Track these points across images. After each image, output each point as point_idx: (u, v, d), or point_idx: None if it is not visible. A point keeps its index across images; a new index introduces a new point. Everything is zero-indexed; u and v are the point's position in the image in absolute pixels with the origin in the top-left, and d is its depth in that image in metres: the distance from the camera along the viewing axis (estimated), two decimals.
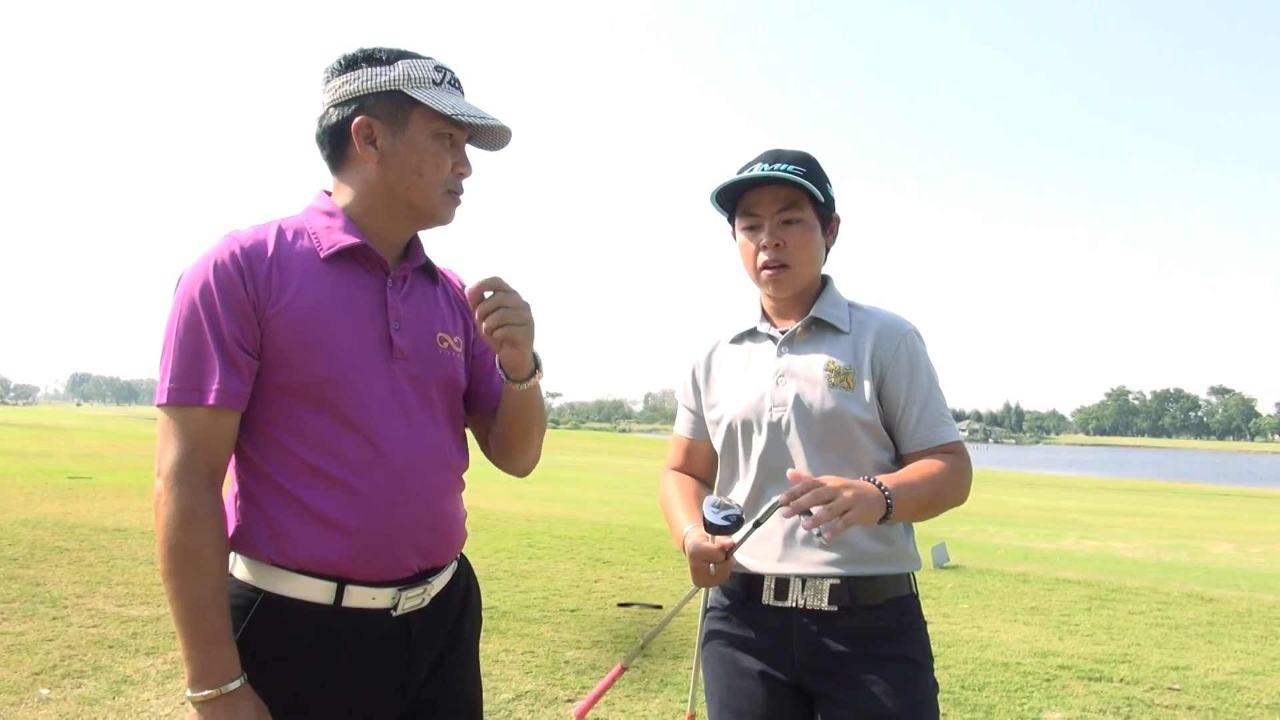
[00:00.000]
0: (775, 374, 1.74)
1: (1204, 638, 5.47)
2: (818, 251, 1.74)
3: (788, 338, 1.76)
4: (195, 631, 1.28)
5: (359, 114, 1.40)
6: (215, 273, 1.34)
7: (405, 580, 1.40)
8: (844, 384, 1.69)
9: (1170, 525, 14.90)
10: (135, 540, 7.14)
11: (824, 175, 1.73)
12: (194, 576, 1.29)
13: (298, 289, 1.37)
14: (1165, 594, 6.81)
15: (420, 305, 1.50)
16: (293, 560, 1.35)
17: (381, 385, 1.40)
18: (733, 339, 1.85)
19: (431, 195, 1.44)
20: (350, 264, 1.43)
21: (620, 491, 16.21)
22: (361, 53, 1.42)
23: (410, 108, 1.40)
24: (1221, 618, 6.05)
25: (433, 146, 1.42)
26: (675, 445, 1.96)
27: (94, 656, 4.12)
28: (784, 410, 1.70)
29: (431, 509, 1.43)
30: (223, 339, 1.32)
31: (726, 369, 1.83)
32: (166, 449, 1.32)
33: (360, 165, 1.43)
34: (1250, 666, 4.84)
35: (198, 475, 1.31)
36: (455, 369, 1.52)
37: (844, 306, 1.77)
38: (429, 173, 1.42)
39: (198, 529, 1.29)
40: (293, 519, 1.35)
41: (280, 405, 1.36)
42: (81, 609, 4.94)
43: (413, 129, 1.41)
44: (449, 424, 1.51)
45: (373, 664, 1.38)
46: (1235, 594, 7.06)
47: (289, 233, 1.42)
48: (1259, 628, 5.80)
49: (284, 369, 1.35)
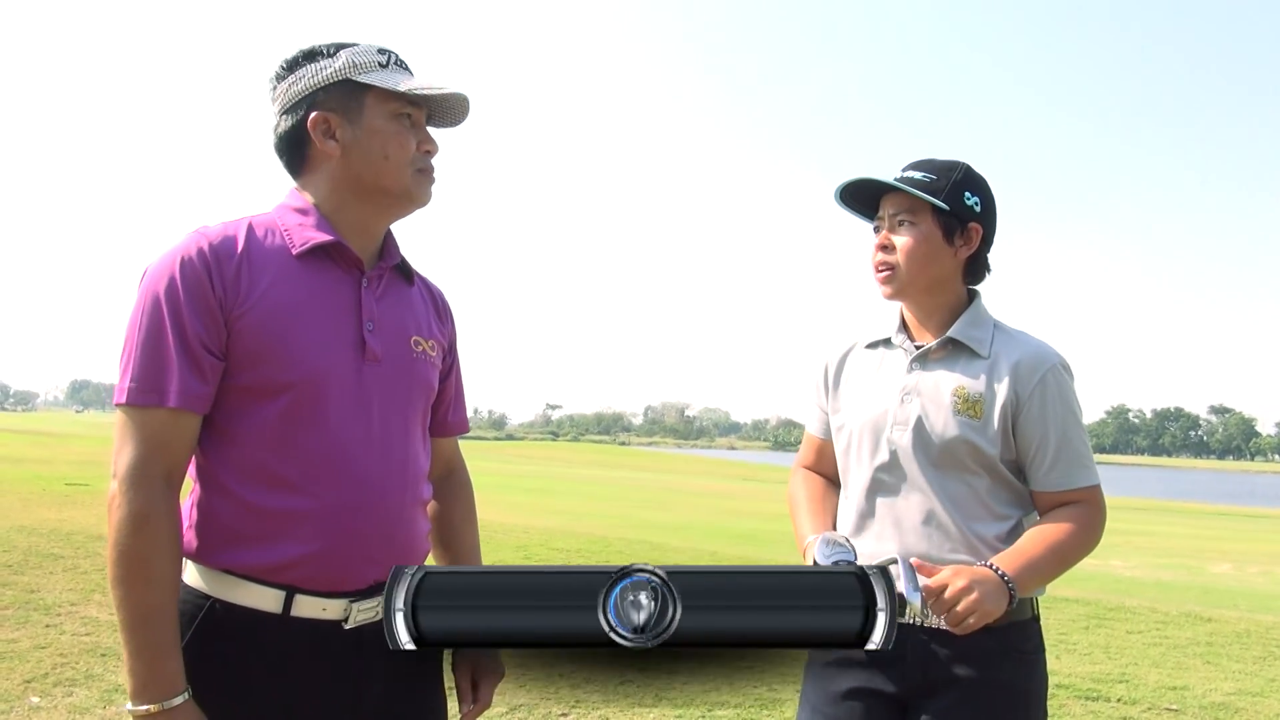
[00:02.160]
0: (902, 390, 1.70)
1: (1202, 658, 5.45)
2: (930, 258, 1.68)
3: (921, 354, 1.72)
4: (141, 641, 1.25)
5: (312, 110, 1.38)
6: (181, 269, 1.30)
7: (359, 592, 1.34)
8: (971, 412, 1.64)
9: (1169, 544, 14.86)
10: None
11: (963, 185, 1.69)
12: (143, 584, 1.25)
13: (267, 288, 1.33)
14: (1163, 613, 6.79)
15: (396, 306, 1.47)
16: (242, 567, 1.31)
17: (350, 389, 1.36)
18: (868, 344, 1.82)
19: (402, 176, 1.41)
20: (324, 262, 1.39)
21: (619, 504, 16.16)
22: (301, 52, 1.41)
23: (363, 94, 1.38)
24: (1220, 638, 6.02)
25: (393, 127, 1.39)
26: (806, 443, 1.95)
27: (86, 665, 4.10)
28: (904, 430, 1.67)
29: (391, 519, 1.38)
30: (186, 338, 1.28)
31: (856, 375, 1.80)
32: (123, 450, 1.27)
33: (324, 162, 1.40)
34: (1248, 687, 4.83)
35: (154, 479, 1.27)
36: (429, 374, 1.49)
37: (987, 328, 1.72)
38: (395, 154, 1.39)
39: (150, 535, 1.25)
40: (245, 524, 1.31)
41: (242, 407, 1.32)
42: (75, 617, 4.92)
43: (369, 114, 1.38)
44: (418, 430, 1.47)
45: (320, 677, 1.32)
46: (1234, 614, 7.03)
47: (260, 229, 1.38)
48: (1257, 648, 5.78)
49: (249, 370, 1.32)
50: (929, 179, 1.68)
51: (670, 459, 57.65)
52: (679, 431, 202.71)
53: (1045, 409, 1.63)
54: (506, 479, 20.75)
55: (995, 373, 1.66)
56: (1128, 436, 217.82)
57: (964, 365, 1.68)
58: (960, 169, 1.71)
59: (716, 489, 23.95)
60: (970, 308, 1.73)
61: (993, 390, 1.65)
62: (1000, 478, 1.66)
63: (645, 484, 24.52)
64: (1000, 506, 1.66)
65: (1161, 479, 76.00)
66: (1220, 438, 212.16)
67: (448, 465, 1.64)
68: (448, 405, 1.60)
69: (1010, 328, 1.74)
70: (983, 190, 1.72)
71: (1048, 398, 1.64)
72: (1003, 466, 1.65)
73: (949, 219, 1.68)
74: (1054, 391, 1.64)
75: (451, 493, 1.64)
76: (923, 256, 1.68)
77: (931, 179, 1.68)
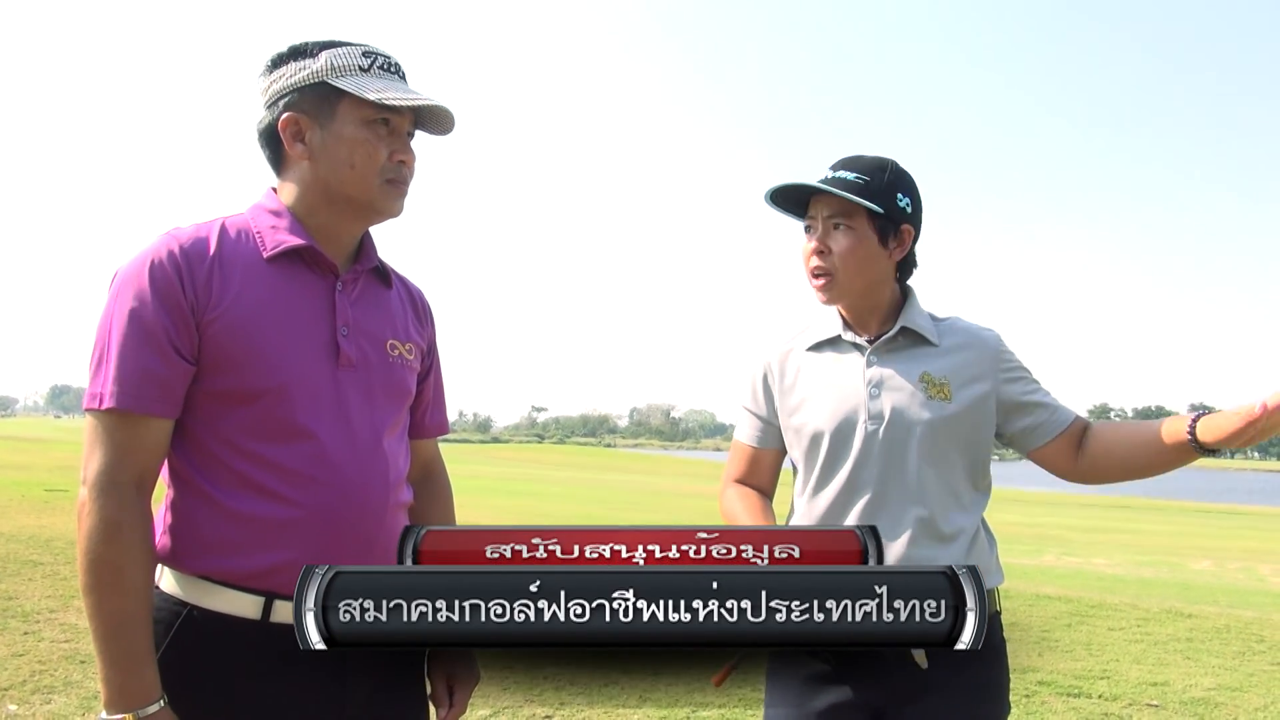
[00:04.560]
0: (868, 384, 1.69)
1: (1183, 654, 5.50)
2: (867, 261, 1.68)
3: (877, 348, 1.72)
4: (114, 651, 1.23)
5: (286, 110, 1.36)
6: (152, 272, 1.28)
7: None
8: (941, 395, 1.67)
9: (1150, 542, 15.01)
10: None
11: (900, 187, 1.69)
12: (115, 593, 1.24)
13: (239, 292, 1.31)
14: (1145, 610, 6.85)
15: (372, 310, 1.45)
16: (220, 573, 1.30)
17: (324, 395, 1.34)
18: (811, 346, 1.79)
19: (368, 187, 1.37)
20: (296, 266, 1.37)
21: (606, 506, 16.18)
22: (289, 49, 1.38)
23: (337, 98, 1.35)
24: (1200, 634, 6.08)
25: (362, 135, 1.36)
26: (737, 454, 1.86)
27: (65, 672, 4.07)
28: (880, 423, 1.67)
29: (371, 523, 1.36)
30: (158, 341, 1.27)
31: (808, 376, 1.77)
32: (92, 456, 1.26)
33: (295, 163, 1.39)
34: (1228, 682, 4.87)
35: (124, 485, 1.25)
36: (405, 378, 1.47)
37: (928, 319, 1.75)
38: (361, 163, 1.36)
39: (121, 543, 1.23)
40: (221, 531, 1.29)
41: (215, 413, 1.31)
42: (54, 624, 4.87)
43: (340, 119, 1.35)
44: (395, 435, 1.45)
45: (301, 682, 1.30)
46: (1214, 610, 7.10)
47: (232, 231, 1.36)
48: (1237, 644, 5.84)
49: (221, 376, 1.30)
50: (861, 180, 1.66)
51: (656, 460, 57.74)
52: (664, 433, 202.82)
53: (1021, 377, 1.71)
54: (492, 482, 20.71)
55: (953, 360, 1.70)
56: None
57: (923, 353, 1.71)
58: (890, 168, 1.70)
59: (703, 490, 23.96)
60: (908, 302, 1.76)
61: (956, 373, 1.69)
62: (968, 465, 1.69)
63: (631, 486, 24.54)
64: (967, 499, 1.69)
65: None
66: None
67: (426, 467, 1.63)
68: (425, 407, 1.58)
69: (941, 316, 1.78)
70: (912, 190, 1.72)
71: (1016, 367, 1.72)
72: (977, 444, 1.69)
73: (884, 222, 1.68)
74: (1014, 361, 1.73)
75: (430, 495, 1.61)
76: (860, 260, 1.68)
77: (864, 180, 1.67)
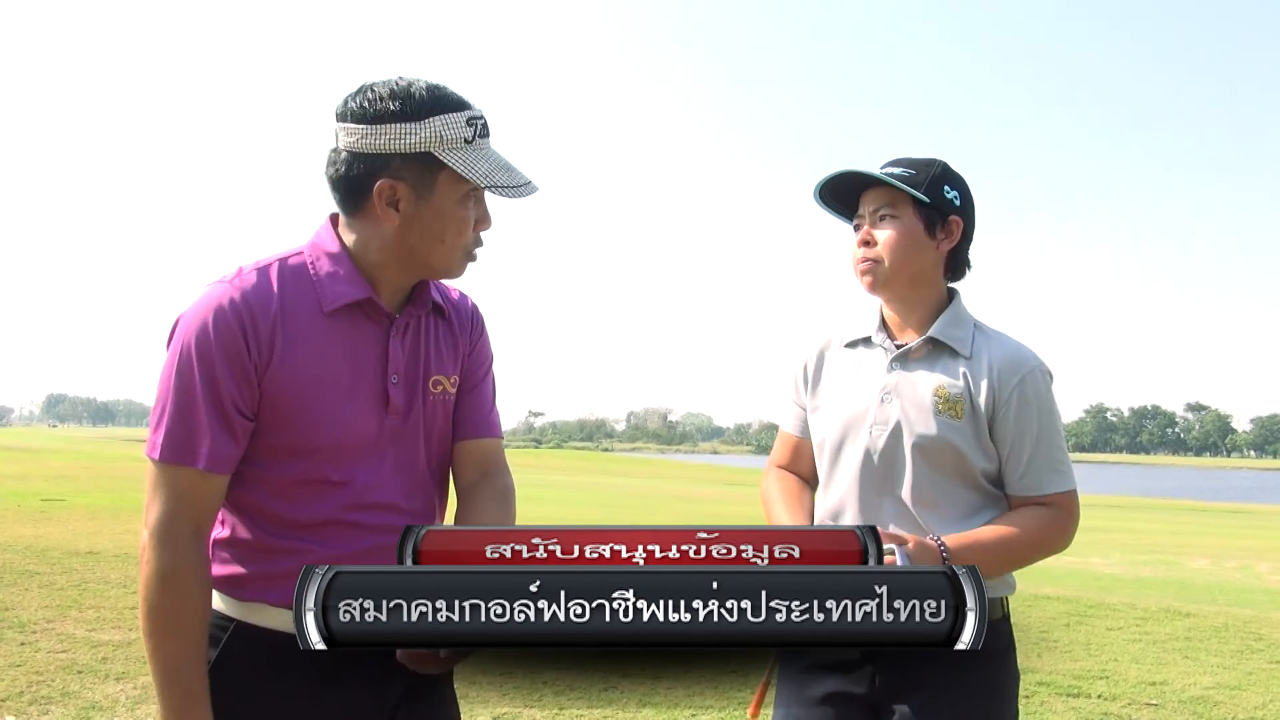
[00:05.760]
0: (881, 390, 1.69)
1: (1181, 653, 5.51)
2: (912, 251, 1.68)
3: (901, 354, 1.71)
4: (171, 693, 1.29)
5: (383, 174, 1.32)
6: (216, 327, 1.30)
7: None
8: (951, 412, 1.64)
9: (1148, 541, 15.02)
10: (108, 563, 7.03)
11: (947, 180, 1.70)
12: (171, 638, 1.29)
13: (297, 349, 1.33)
14: (1143, 609, 6.86)
15: (420, 348, 1.46)
16: (258, 598, 1.36)
17: (369, 445, 1.39)
18: (847, 343, 1.80)
19: (450, 259, 1.40)
20: (355, 316, 1.39)
21: (604, 510, 16.18)
22: (395, 102, 1.31)
23: (438, 170, 1.33)
24: (1198, 633, 6.09)
25: (459, 212, 1.36)
26: (781, 441, 1.91)
27: (62, 682, 4.06)
28: (884, 431, 1.67)
29: None
30: (220, 401, 1.30)
31: (835, 374, 1.79)
32: (153, 505, 1.31)
33: (378, 222, 1.36)
34: (1227, 681, 4.88)
35: (182, 534, 1.30)
36: (445, 418, 1.49)
37: (968, 327, 1.72)
38: (452, 238, 1.38)
39: (177, 591, 1.29)
40: (263, 567, 1.36)
41: (266, 460, 1.36)
42: (51, 634, 4.86)
43: (440, 193, 1.34)
44: (434, 475, 1.50)
45: (341, 692, 1.36)
46: (1212, 609, 7.12)
47: (291, 278, 1.37)
48: (1235, 642, 5.85)
49: (275, 431, 1.34)
50: (908, 173, 1.68)
51: (653, 464, 57.72)
52: (662, 437, 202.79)
53: (1023, 412, 1.64)
54: None
55: (975, 373, 1.66)
56: (1106, 435, 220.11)
57: (944, 365, 1.68)
58: (938, 165, 1.72)
59: (700, 494, 24.00)
60: (950, 306, 1.73)
61: (974, 390, 1.65)
62: (975, 480, 1.67)
63: (629, 490, 24.53)
64: (973, 508, 1.67)
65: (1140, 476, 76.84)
66: (1197, 435, 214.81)
67: (483, 467, 1.56)
68: (471, 405, 1.55)
69: (990, 328, 1.74)
70: (961, 185, 1.73)
71: (1026, 401, 1.64)
72: (979, 468, 1.65)
73: (930, 211, 1.68)
74: (1032, 394, 1.64)
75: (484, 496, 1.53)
76: (905, 249, 1.67)
77: (911, 173, 1.68)
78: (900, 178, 1.67)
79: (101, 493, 13.82)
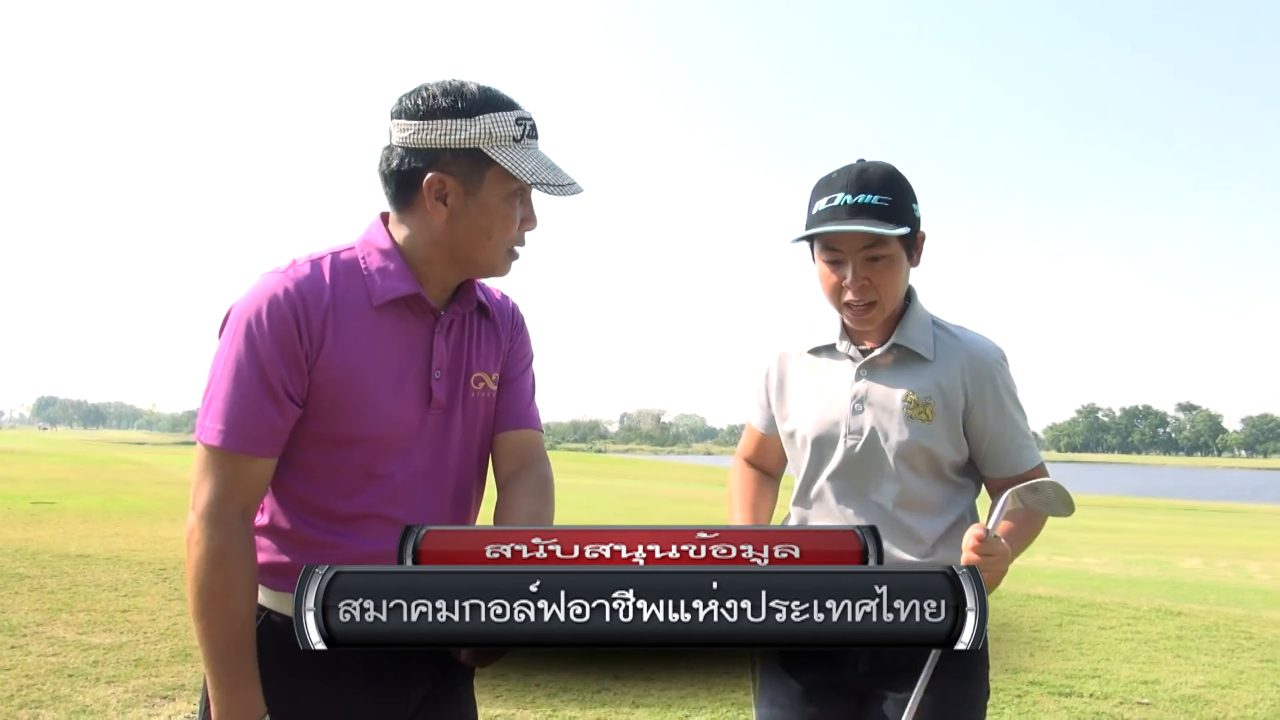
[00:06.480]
0: (853, 399, 1.73)
1: (1173, 652, 5.54)
2: (903, 282, 1.71)
3: (868, 362, 1.74)
4: (221, 672, 1.31)
5: (433, 168, 1.36)
6: (270, 314, 1.33)
7: None
8: (922, 416, 1.69)
9: (1140, 540, 15.09)
10: (99, 566, 7.00)
11: (909, 195, 1.69)
12: (222, 618, 1.31)
13: (347, 340, 1.37)
14: (1135, 609, 6.89)
15: (464, 345, 1.49)
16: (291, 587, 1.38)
17: (412, 438, 1.41)
18: (811, 349, 1.82)
19: (495, 256, 1.43)
20: (402, 311, 1.42)
21: (597, 512, 16.16)
22: (446, 98, 1.36)
23: (487, 166, 1.36)
24: (1190, 632, 6.12)
25: (505, 209, 1.39)
26: (749, 435, 1.97)
27: (53, 686, 4.04)
28: (859, 439, 1.71)
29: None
30: (271, 386, 1.32)
31: (801, 382, 1.81)
32: (202, 487, 1.32)
33: (427, 216, 1.39)
34: (1218, 680, 4.91)
35: (231, 516, 1.32)
36: (486, 414, 1.52)
37: (928, 329, 1.74)
38: (498, 235, 1.40)
39: (227, 571, 1.30)
40: (298, 555, 1.38)
41: (310, 449, 1.38)
42: (41, 637, 4.84)
43: (487, 189, 1.37)
44: (474, 471, 1.52)
45: (366, 681, 1.39)
46: (1203, 608, 7.15)
47: (343, 270, 1.40)
48: (1226, 641, 5.88)
49: (321, 420, 1.37)
50: (885, 203, 1.63)
51: (647, 465, 57.71)
52: (655, 438, 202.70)
53: (997, 405, 1.71)
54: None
55: (942, 375, 1.70)
56: (1098, 435, 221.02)
57: (911, 370, 1.71)
58: (899, 179, 1.69)
59: (694, 494, 23.99)
60: (910, 309, 1.75)
61: (942, 391, 1.69)
62: (945, 474, 1.72)
63: (623, 491, 24.52)
64: (946, 501, 1.73)
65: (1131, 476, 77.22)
66: (1188, 434, 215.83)
67: (522, 459, 1.56)
68: (511, 397, 1.56)
69: (947, 323, 1.77)
70: (913, 191, 1.71)
71: (998, 394, 1.71)
72: (949, 462, 1.71)
73: (909, 239, 1.69)
74: (1001, 387, 1.72)
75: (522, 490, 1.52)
76: (899, 283, 1.70)
77: (887, 202, 1.64)
78: (880, 211, 1.62)
79: (92, 496, 13.76)
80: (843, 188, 1.65)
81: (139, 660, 4.50)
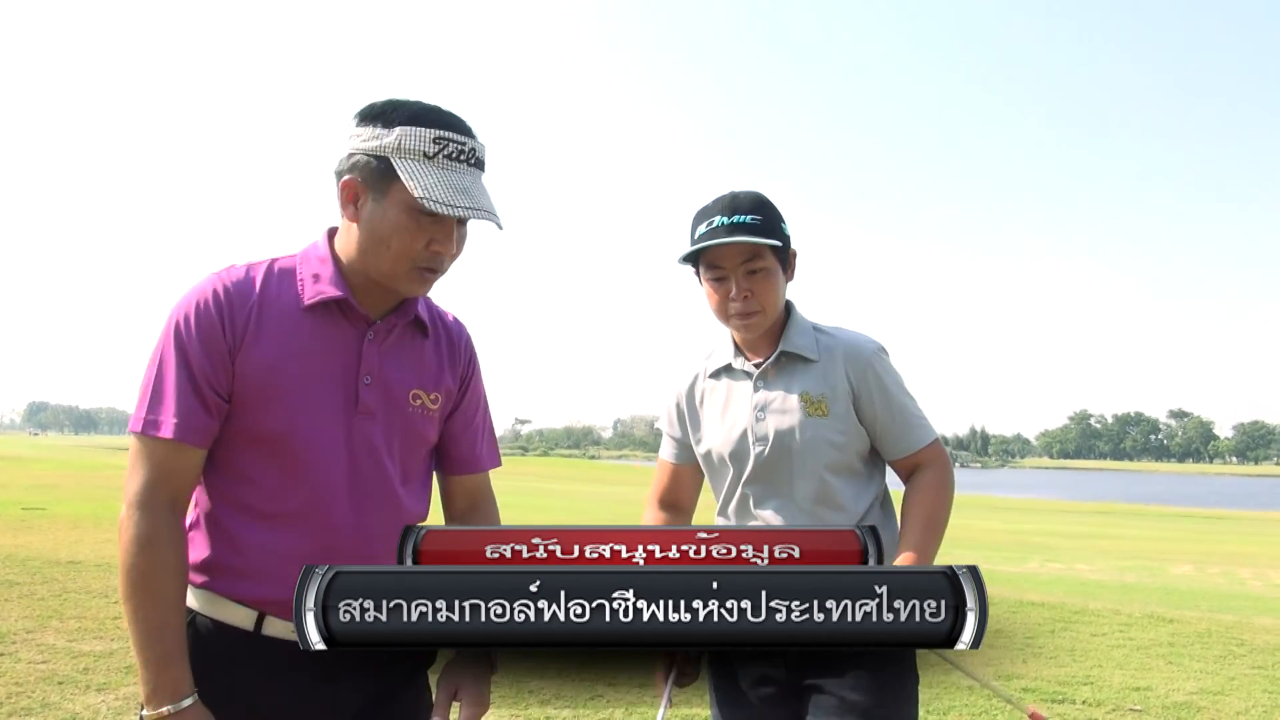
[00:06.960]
0: (754, 409, 1.86)
1: (1165, 658, 5.55)
2: (780, 293, 1.85)
3: (762, 373, 1.87)
4: (149, 652, 1.33)
5: (349, 172, 1.41)
6: (197, 311, 1.39)
7: None
8: (819, 412, 1.81)
9: (1132, 547, 15.14)
10: (89, 573, 6.95)
11: (778, 215, 1.84)
12: (149, 600, 1.33)
13: (270, 337, 1.40)
14: (1127, 615, 6.90)
15: (401, 359, 1.50)
16: (219, 589, 1.42)
17: (337, 441, 1.43)
18: (712, 373, 1.95)
19: (395, 269, 1.41)
20: (333, 314, 1.45)
21: (591, 519, 16.11)
22: (380, 108, 1.41)
23: (394, 177, 1.38)
24: (1182, 638, 6.13)
25: (405, 221, 1.38)
26: (661, 471, 2.06)
27: (42, 693, 4.00)
28: (765, 444, 1.83)
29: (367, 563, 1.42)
30: (194, 377, 1.37)
31: (709, 404, 1.94)
32: (133, 475, 1.37)
33: (347, 222, 1.45)
34: (1210, 686, 4.92)
35: (159, 503, 1.35)
36: (423, 427, 1.52)
37: (809, 333, 1.89)
38: (396, 247, 1.40)
39: (155, 555, 1.34)
40: (227, 556, 1.41)
41: (236, 447, 1.41)
42: (31, 644, 4.80)
43: (391, 199, 1.38)
44: (408, 482, 1.52)
45: (291, 690, 1.41)
46: (1195, 615, 7.17)
47: (278, 274, 1.45)
48: (1218, 647, 5.89)
49: (242, 415, 1.40)
50: (756, 221, 1.79)
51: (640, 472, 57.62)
52: (648, 444, 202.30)
53: (882, 391, 1.84)
54: None
55: (828, 371, 1.84)
56: (1090, 441, 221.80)
57: (801, 372, 1.85)
58: (769, 203, 1.84)
59: None
60: (791, 319, 1.90)
61: (832, 387, 1.83)
62: (852, 464, 1.83)
63: (616, 497, 24.48)
64: (859, 488, 1.84)
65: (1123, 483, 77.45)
66: (1180, 441, 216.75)
67: (473, 498, 1.65)
68: (471, 441, 1.62)
69: (825, 326, 1.92)
70: (781, 214, 1.86)
71: (882, 381, 1.84)
72: (855, 449, 1.83)
73: (782, 252, 1.84)
74: (882, 373, 1.85)
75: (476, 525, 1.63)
76: (777, 294, 1.85)
77: (759, 220, 1.79)
78: (754, 228, 1.78)
79: (83, 502, 13.67)
80: (719, 211, 1.81)
81: (129, 668, 4.46)
